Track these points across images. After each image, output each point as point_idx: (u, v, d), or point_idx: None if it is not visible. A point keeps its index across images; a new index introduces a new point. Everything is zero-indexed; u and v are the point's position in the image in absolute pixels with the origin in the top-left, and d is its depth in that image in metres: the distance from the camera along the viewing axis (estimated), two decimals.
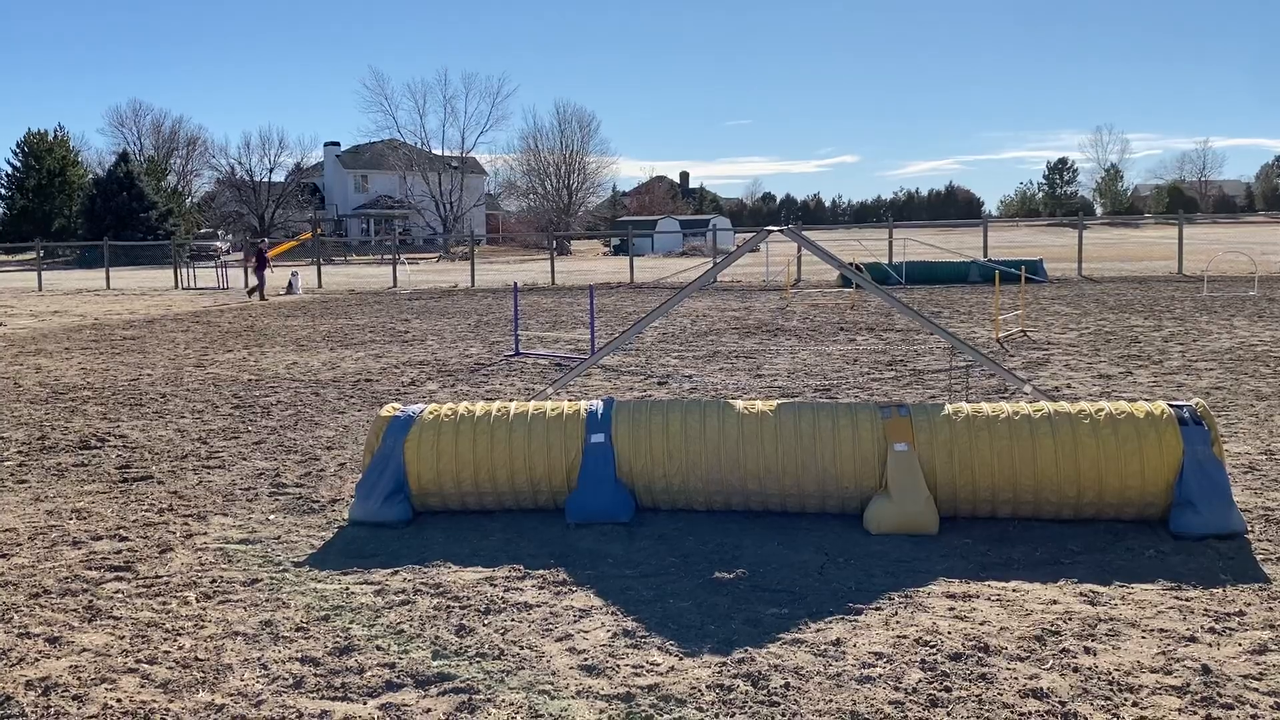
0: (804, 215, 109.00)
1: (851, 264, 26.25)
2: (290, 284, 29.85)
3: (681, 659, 4.05)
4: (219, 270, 35.13)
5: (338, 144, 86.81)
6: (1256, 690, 3.67)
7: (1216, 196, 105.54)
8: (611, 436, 5.93)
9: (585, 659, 4.07)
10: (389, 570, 5.19)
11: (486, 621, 4.49)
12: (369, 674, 3.97)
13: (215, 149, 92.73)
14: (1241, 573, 4.88)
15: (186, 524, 6.11)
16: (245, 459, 7.83)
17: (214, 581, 5.08)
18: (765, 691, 3.74)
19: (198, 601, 4.81)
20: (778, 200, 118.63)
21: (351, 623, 4.50)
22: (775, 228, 7.67)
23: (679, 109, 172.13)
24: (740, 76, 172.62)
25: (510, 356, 13.72)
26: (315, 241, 55.86)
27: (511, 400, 8.47)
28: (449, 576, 5.08)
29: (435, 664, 4.05)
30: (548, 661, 4.06)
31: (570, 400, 6.73)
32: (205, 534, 5.91)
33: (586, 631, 4.36)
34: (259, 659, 4.13)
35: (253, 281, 28.61)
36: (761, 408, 6.04)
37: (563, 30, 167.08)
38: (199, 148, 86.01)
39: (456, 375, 12.09)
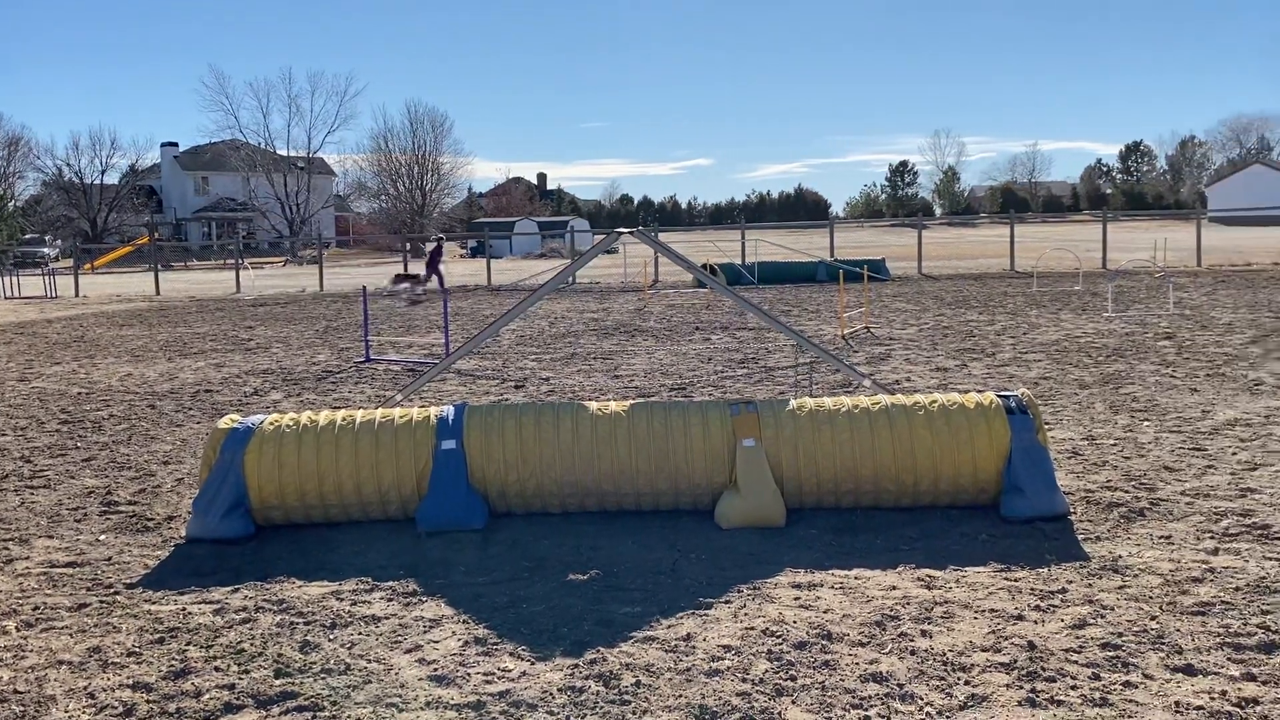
0: (661, 217, 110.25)
1: (705, 265, 26.53)
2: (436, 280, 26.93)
3: (533, 663, 4.03)
4: (47, 278, 33.05)
5: (175, 144, 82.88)
6: (1076, 663, 3.90)
7: (1045, 197, 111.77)
8: (463, 442, 5.86)
9: (435, 669, 4.01)
10: (229, 588, 4.99)
11: (332, 636, 4.36)
12: (206, 697, 3.81)
13: (40, 150, 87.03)
14: (1065, 552, 5.18)
15: (6, 548, 5.73)
16: (74, 477, 7.40)
17: (37, 609, 4.77)
18: (616, 691, 3.76)
19: (18, 631, 4.51)
20: (635, 202, 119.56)
21: (188, 645, 4.30)
22: (626, 230, 7.73)
23: (535, 110, 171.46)
24: (597, 78, 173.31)
25: (361, 363, 13.39)
26: (152, 247, 53.26)
27: (360, 408, 8.26)
28: (293, 592, 4.92)
29: (278, 683, 3.91)
30: (396, 674, 3.98)
31: (423, 407, 6.61)
32: (28, 558, 5.56)
33: (437, 641, 4.29)
34: (85, 688, 3.91)
35: (417, 270, 26.49)
36: (614, 409, 6.08)
37: (413, 29, 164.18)
38: (21, 148, 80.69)
39: (303, 384, 11.72)
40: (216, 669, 4.05)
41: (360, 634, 4.39)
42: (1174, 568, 4.88)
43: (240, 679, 3.95)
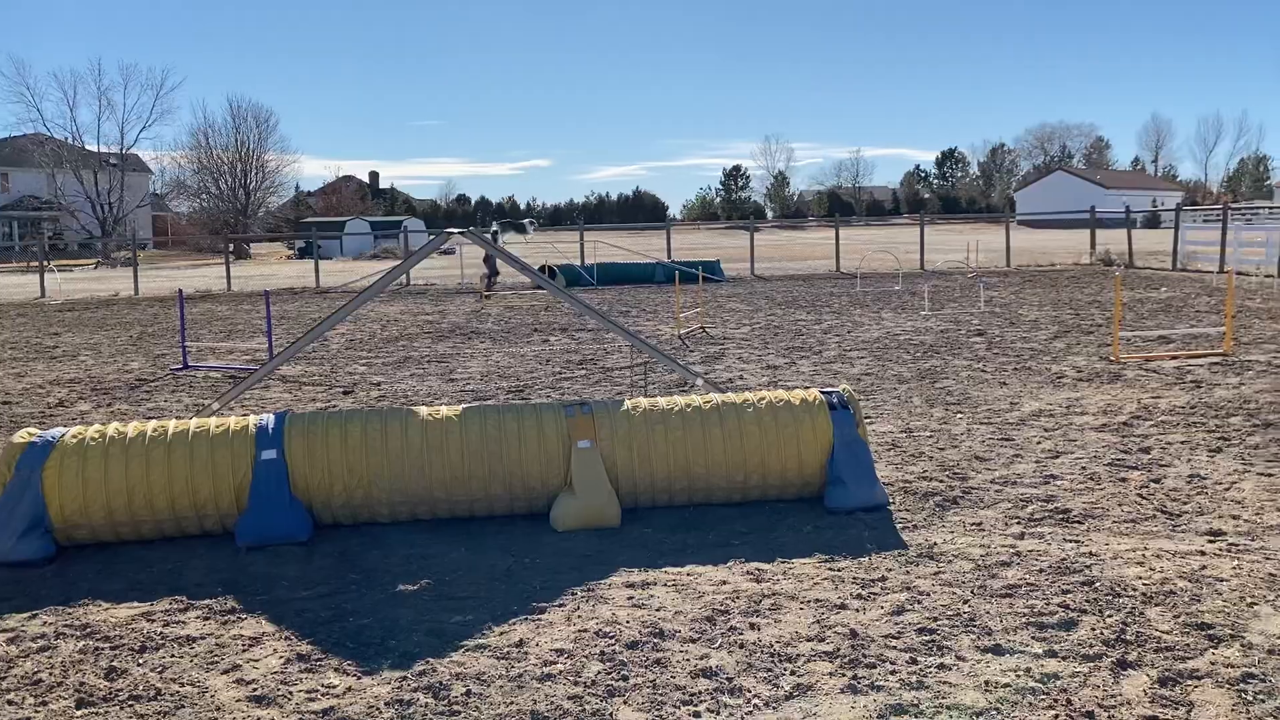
0: (499, 218, 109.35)
1: (544, 266, 26.42)
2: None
3: (360, 678, 3.91)
4: None
5: None
6: (895, 648, 4.06)
7: (869, 201, 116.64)
8: (284, 451, 5.63)
9: (255, 689, 3.83)
10: (26, 614, 4.64)
11: (142, 660, 4.11)
12: None
13: None
14: (884, 541, 5.40)
15: None
16: None
17: None
18: (446, 702, 3.68)
19: None
20: (473, 202, 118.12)
21: None
22: (456, 230, 7.60)
23: (366, 106, 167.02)
24: (430, 75, 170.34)
25: (177, 370, 12.71)
26: None
27: (175, 418, 7.83)
28: (99, 615, 4.61)
29: (79, 713, 3.65)
30: (212, 696, 3.78)
31: (242, 415, 6.32)
32: None
33: (257, 660, 4.10)
34: None
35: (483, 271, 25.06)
36: (446, 413, 5.96)
37: (233, 20, 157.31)
38: None
39: (114, 393, 11.03)
40: (10, 703, 3.75)
41: (173, 656, 4.15)
42: (984, 553, 5.16)
43: (36, 712, 3.67)
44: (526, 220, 28.59)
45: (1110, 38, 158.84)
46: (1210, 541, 5.25)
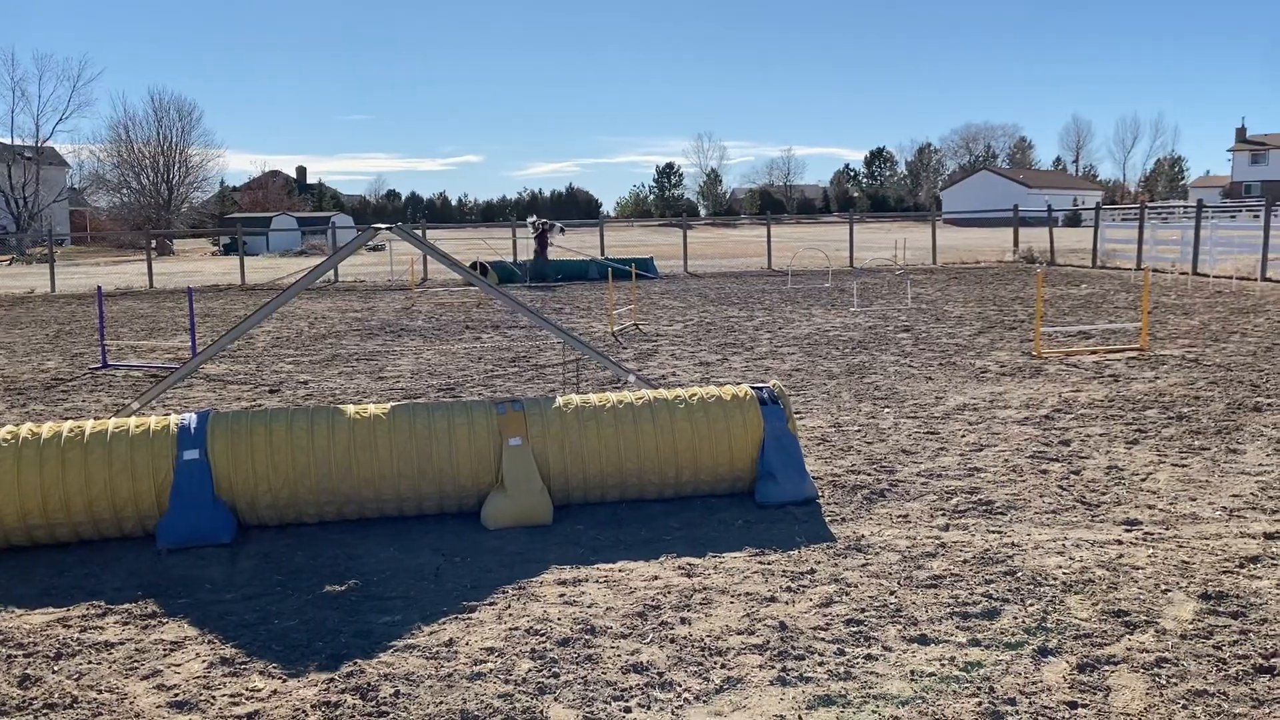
0: (430, 213, 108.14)
1: (476, 263, 26.18)
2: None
3: (285, 680, 3.84)
4: None
5: None
6: (823, 639, 4.11)
7: (800, 199, 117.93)
8: (208, 451, 5.50)
9: (176, 694, 3.74)
10: None
11: (57, 668, 3.99)
12: None
13: None
14: (813, 534, 5.46)
15: None
16: None
17: None
18: (374, 703, 3.64)
19: None
20: (403, 198, 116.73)
21: None
22: (384, 225, 7.50)
23: (292, 100, 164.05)
24: (358, 69, 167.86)
25: (96, 370, 12.36)
26: None
27: (93, 419, 7.61)
28: (11, 622, 4.46)
29: None
30: (131, 703, 3.69)
31: (163, 415, 6.17)
32: None
33: (178, 665, 4.01)
34: None
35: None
36: (374, 411, 5.88)
37: (154, 11, 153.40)
38: None
39: (29, 394, 10.68)
40: None
41: (90, 663, 4.04)
42: (910, 544, 5.24)
43: None
44: (558, 225, 28.79)
45: (1033, 40, 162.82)
46: (1127, 531, 5.41)
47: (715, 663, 3.92)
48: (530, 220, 28.77)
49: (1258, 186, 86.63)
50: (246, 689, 3.78)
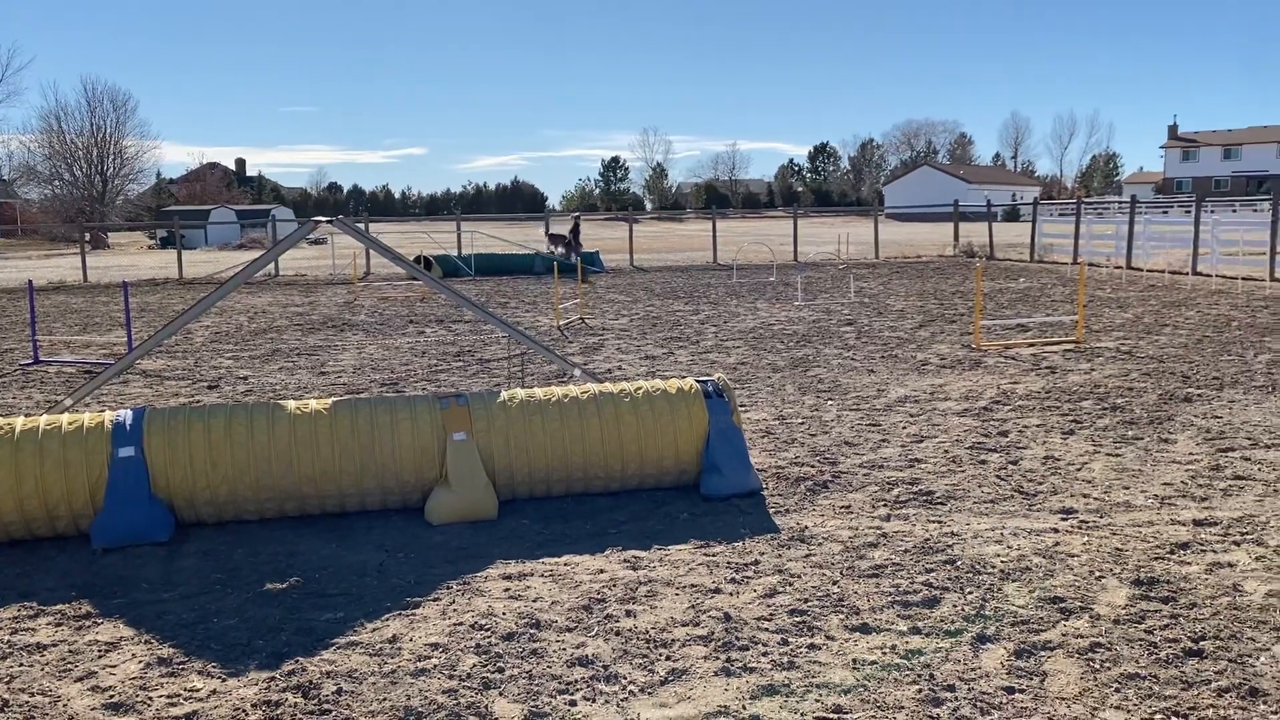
0: (373, 207, 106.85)
1: (420, 257, 25.92)
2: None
3: (225, 680, 3.78)
4: None
5: None
6: (767, 630, 4.15)
7: (745, 194, 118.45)
8: (144, 448, 5.39)
9: (111, 696, 3.67)
10: None
11: None
12: None
13: None
14: (758, 526, 5.50)
15: None
16: None
17: None
18: (316, 701, 3.60)
19: None
20: (345, 190, 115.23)
21: None
22: (323, 218, 7.40)
23: (231, 91, 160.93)
24: (299, 60, 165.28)
25: (28, 366, 12.04)
26: None
27: (24, 416, 7.42)
28: None
29: None
30: (64, 705, 3.61)
31: (98, 412, 6.03)
32: None
33: (114, 666, 3.92)
34: None
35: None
36: (315, 406, 5.81)
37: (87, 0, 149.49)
38: None
39: None
40: None
41: (22, 665, 3.94)
42: (853, 535, 5.31)
43: None
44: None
45: (972, 38, 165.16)
46: (1063, 519, 5.53)
47: (660, 654, 3.93)
48: (574, 216, 29.83)
49: (1189, 183, 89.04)
50: (185, 689, 3.72)
